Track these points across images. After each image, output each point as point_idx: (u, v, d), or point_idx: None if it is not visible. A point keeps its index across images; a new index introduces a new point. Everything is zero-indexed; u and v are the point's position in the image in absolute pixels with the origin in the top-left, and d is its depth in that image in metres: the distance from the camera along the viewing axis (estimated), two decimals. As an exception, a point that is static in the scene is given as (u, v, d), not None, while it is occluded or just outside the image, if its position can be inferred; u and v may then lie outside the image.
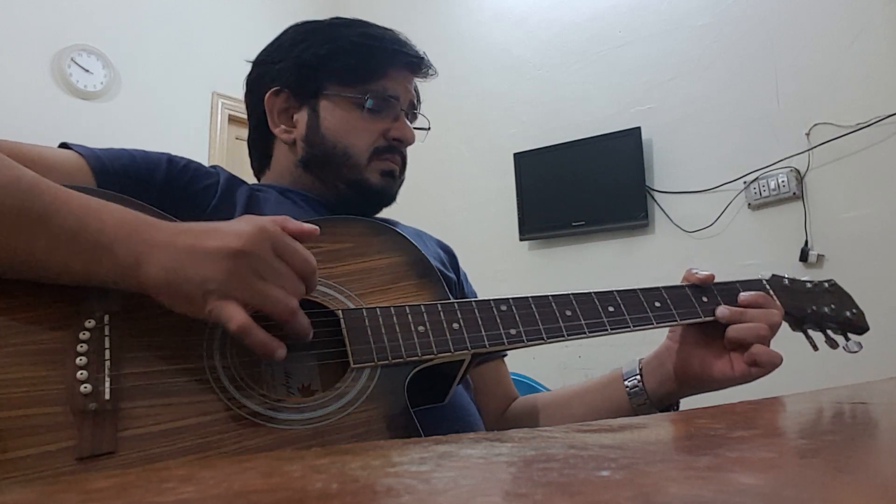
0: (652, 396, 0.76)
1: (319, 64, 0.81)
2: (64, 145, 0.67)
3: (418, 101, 0.88)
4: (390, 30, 0.86)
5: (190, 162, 0.75)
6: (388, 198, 0.85)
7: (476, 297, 0.91)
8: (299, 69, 0.82)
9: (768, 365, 0.69)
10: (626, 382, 0.78)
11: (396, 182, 0.85)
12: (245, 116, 0.89)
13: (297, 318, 0.52)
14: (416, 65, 0.85)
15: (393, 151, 0.84)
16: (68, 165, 0.64)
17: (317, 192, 0.83)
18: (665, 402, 0.77)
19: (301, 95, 0.83)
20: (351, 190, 0.82)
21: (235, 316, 0.48)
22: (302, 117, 0.83)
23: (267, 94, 0.83)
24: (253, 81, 0.87)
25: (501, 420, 0.88)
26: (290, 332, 0.52)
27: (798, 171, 2.44)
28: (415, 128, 0.87)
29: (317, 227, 0.57)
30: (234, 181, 0.78)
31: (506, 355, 0.93)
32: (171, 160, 0.73)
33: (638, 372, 0.77)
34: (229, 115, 3.46)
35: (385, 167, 0.83)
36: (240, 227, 0.52)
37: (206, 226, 0.53)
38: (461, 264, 0.97)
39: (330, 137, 0.81)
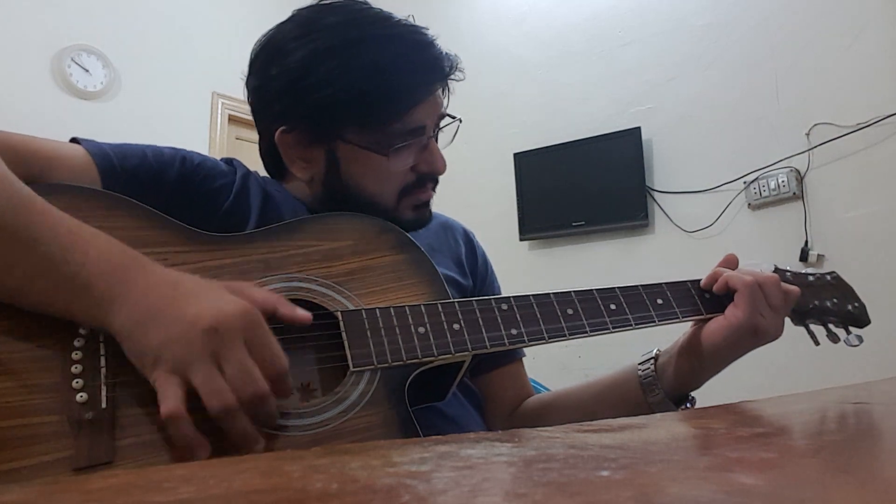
0: (662, 377, 0.74)
1: (332, 110, 0.70)
2: (75, 140, 0.65)
3: (445, 92, 0.77)
4: (410, 38, 0.72)
5: (205, 160, 0.72)
6: (422, 226, 0.78)
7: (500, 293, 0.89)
8: (310, 114, 0.71)
9: (739, 284, 0.69)
10: (639, 366, 0.76)
11: (430, 206, 0.78)
12: (246, 117, 0.82)
13: (231, 420, 0.46)
14: (446, 77, 0.75)
15: (424, 183, 0.76)
16: (74, 163, 0.62)
17: None
18: (676, 387, 0.74)
19: (314, 135, 0.73)
20: None
21: (169, 399, 0.45)
22: (318, 156, 0.74)
23: (277, 133, 0.73)
24: (257, 108, 0.77)
25: (511, 419, 0.86)
26: (226, 432, 0.47)
27: (798, 171, 2.44)
28: (448, 115, 0.78)
29: (310, 317, 0.54)
30: (250, 179, 0.75)
31: (524, 356, 0.90)
32: (185, 158, 0.70)
33: (652, 357, 0.77)
34: (229, 116, 3.46)
35: (417, 201, 0.76)
36: (223, 304, 0.48)
37: (193, 286, 0.50)
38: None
39: (353, 185, 0.73)
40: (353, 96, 0.69)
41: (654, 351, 0.77)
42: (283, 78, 0.71)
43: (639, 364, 0.77)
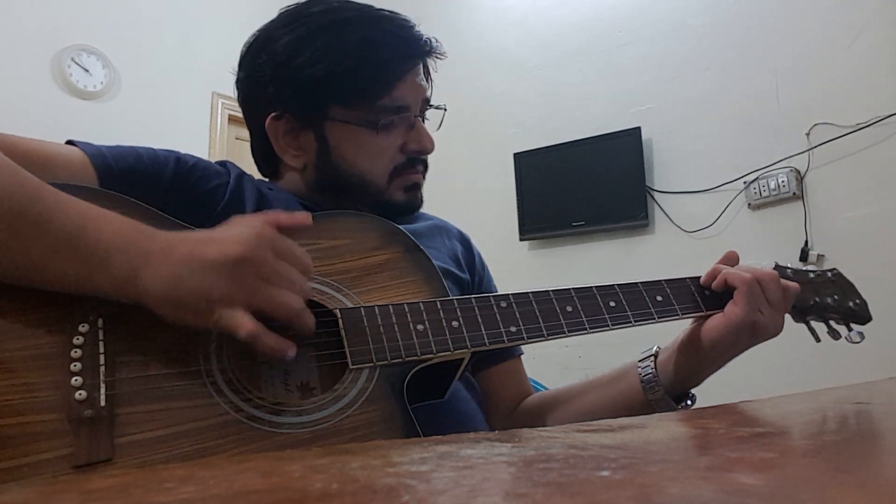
0: (662, 375, 0.74)
1: (320, 87, 0.73)
2: (70, 143, 0.66)
3: (429, 78, 0.79)
4: (391, 19, 0.76)
5: (199, 161, 0.73)
6: (415, 209, 0.81)
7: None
8: (297, 94, 0.74)
9: (738, 281, 0.70)
10: (639, 363, 0.76)
11: (421, 190, 0.81)
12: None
13: (303, 318, 0.52)
14: (426, 56, 0.77)
15: (414, 164, 0.78)
16: (71, 163, 0.63)
17: (331, 209, 0.77)
18: (676, 385, 0.74)
19: (304, 118, 0.76)
20: (374, 211, 0.75)
21: (244, 323, 0.48)
22: (309, 141, 0.76)
23: (267, 120, 0.76)
24: (247, 99, 0.80)
25: (511, 417, 0.86)
26: (296, 332, 0.52)
27: (798, 171, 2.44)
28: (432, 107, 0.81)
29: (309, 215, 0.57)
30: (244, 179, 0.76)
31: (522, 353, 0.91)
32: (179, 160, 0.71)
33: (652, 354, 0.76)
34: (229, 115, 3.46)
35: (407, 182, 0.78)
36: (237, 233, 0.51)
37: (203, 234, 0.53)
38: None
39: (343, 165, 0.76)
40: (338, 72, 0.72)
41: (654, 349, 0.77)
42: (271, 63, 0.74)
43: (639, 361, 0.77)
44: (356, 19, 0.75)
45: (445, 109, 0.82)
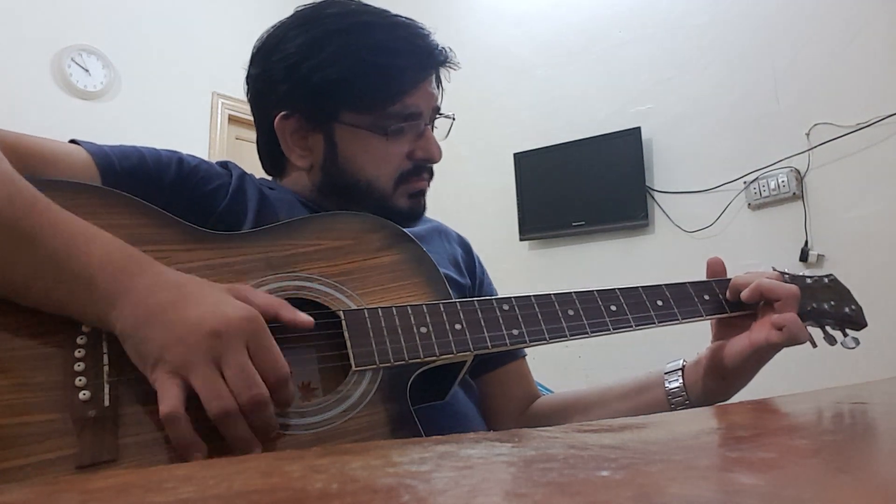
0: (691, 393, 0.74)
1: (331, 91, 0.73)
2: (74, 142, 0.65)
3: (440, 86, 0.79)
4: (407, 26, 0.76)
5: (201, 162, 0.73)
6: (418, 216, 0.80)
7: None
8: (309, 96, 0.73)
9: (787, 304, 0.68)
10: (665, 375, 0.76)
11: (425, 197, 0.80)
12: (246, 117, 0.82)
13: (230, 424, 0.46)
14: (440, 66, 0.77)
15: (420, 172, 0.78)
16: (74, 162, 0.62)
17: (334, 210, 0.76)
18: (704, 403, 0.74)
19: (313, 120, 0.75)
20: (377, 216, 0.74)
21: (168, 399, 0.45)
22: (317, 142, 0.76)
23: (276, 119, 0.75)
24: (257, 96, 0.79)
25: (522, 418, 0.86)
26: (224, 435, 0.47)
27: (798, 171, 2.44)
28: (441, 115, 0.80)
29: (311, 321, 0.54)
30: (246, 180, 0.75)
31: (525, 354, 0.90)
32: (181, 161, 0.70)
33: (679, 368, 0.76)
34: (229, 116, 3.46)
35: (413, 189, 0.78)
36: (226, 308, 0.48)
37: (197, 288, 0.50)
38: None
39: (350, 169, 0.75)
40: (351, 77, 0.72)
41: (681, 362, 0.77)
42: (284, 63, 0.74)
43: (665, 374, 0.76)
44: (372, 24, 0.74)
45: (454, 119, 0.82)
